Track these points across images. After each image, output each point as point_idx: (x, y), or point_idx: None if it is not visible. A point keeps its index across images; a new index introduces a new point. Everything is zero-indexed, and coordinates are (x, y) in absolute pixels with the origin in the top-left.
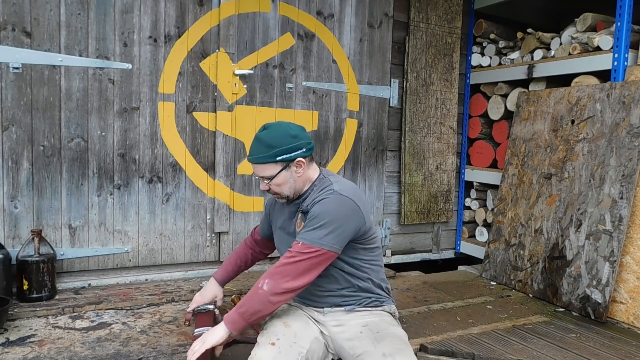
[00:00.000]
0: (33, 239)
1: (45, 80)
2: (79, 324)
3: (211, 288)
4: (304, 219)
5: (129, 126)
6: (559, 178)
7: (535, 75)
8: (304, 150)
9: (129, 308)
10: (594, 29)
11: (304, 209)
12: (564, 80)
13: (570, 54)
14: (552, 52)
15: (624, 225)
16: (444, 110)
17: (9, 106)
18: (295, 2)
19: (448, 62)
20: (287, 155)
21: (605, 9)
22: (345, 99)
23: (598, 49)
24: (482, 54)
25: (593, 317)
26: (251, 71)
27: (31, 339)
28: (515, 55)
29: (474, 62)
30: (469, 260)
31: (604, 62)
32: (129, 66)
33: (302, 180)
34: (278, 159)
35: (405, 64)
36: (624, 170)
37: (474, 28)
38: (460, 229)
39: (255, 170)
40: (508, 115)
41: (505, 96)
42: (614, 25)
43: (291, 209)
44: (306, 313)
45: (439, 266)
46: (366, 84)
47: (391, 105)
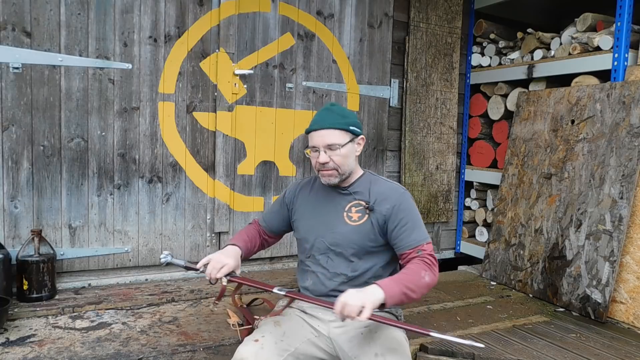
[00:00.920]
0: (33, 239)
1: (45, 80)
2: (79, 324)
3: (234, 255)
4: (363, 211)
5: (129, 126)
6: (559, 178)
7: (535, 75)
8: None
9: (129, 308)
10: (594, 29)
11: (369, 205)
12: (564, 80)
13: (570, 54)
14: (552, 52)
15: (624, 225)
16: (444, 110)
17: (9, 106)
18: (295, 2)
19: (448, 62)
20: (356, 129)
21: (605, 9)
22: (345, 99)
23: (598, 49)
24: (482, 54)
25: (593, 317)
26: (251, 71)
27: (31, 339)
28: (515, 55)
29: (474, 62)
30: (469, 260)
31: (604, 62)
32: (129, 66)
33: (354, 162)
34: (351, 128)
35: (405, 64)
36: (624, 170)
37: (474, 28)
38: (460, 229)
39: (323, 137)
40: (508, 115)
41: (505, 96)
42: (614, 25)
43: (336, 198)
44: (308, 316)
45: (439, 266)
46: (366, 83)
47: (391, 105)
